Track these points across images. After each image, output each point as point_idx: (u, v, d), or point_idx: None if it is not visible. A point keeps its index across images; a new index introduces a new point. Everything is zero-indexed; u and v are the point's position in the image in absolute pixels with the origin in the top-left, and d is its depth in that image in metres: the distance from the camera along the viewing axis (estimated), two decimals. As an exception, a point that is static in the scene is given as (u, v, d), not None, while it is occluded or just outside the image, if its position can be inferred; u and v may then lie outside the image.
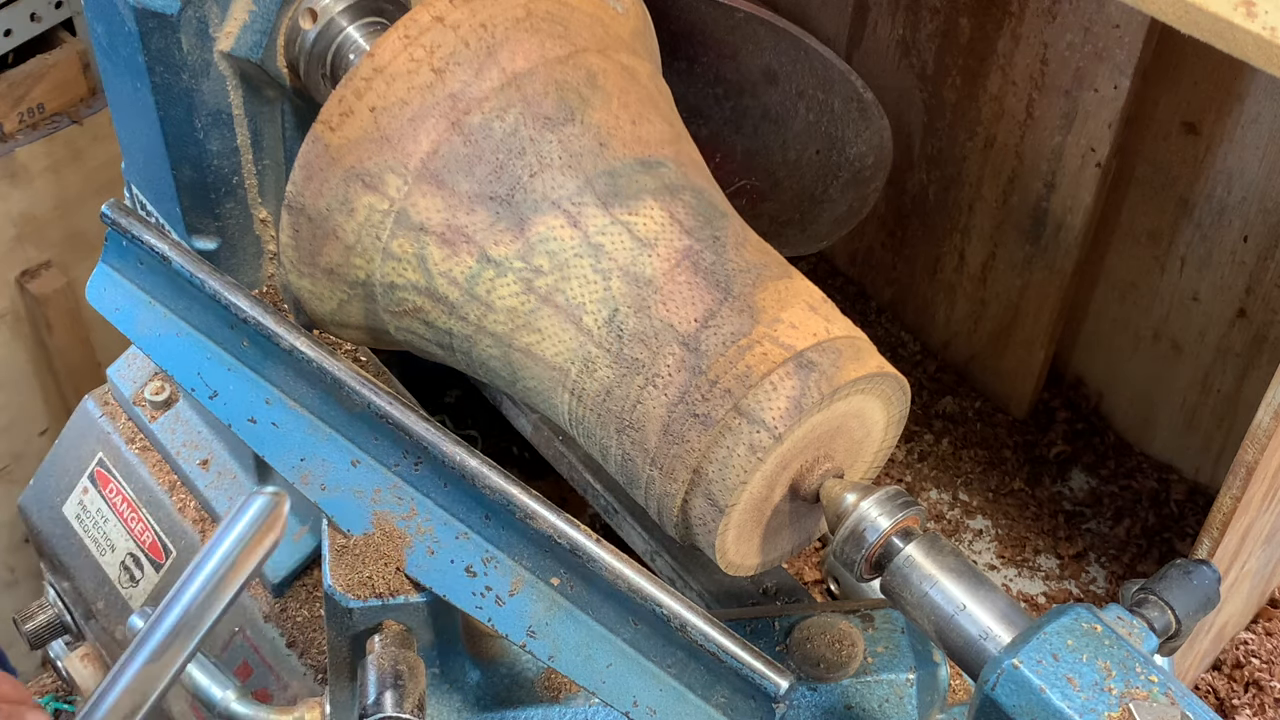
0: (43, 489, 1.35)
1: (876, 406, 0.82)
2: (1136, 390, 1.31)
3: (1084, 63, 1.12)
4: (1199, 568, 0.79)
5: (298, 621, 1.16)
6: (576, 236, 0.83)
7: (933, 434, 1.35)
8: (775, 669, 0.74)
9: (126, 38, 0.93)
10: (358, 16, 0.94)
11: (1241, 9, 0.69)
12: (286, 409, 0.85)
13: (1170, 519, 1.27)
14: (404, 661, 0.79)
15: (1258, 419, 0.86)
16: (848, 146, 1.24)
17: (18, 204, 1.82)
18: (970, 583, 0.74)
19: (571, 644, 0.78)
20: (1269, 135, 1.08)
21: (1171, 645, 0.78)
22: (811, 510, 0.83)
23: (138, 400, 1.26)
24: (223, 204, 1.02)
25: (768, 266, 0.83)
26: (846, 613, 0.91)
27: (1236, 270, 1.16)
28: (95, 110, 1.84)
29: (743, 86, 1.26)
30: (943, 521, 1.28)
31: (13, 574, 2.06)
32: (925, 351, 1.42)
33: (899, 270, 1.42)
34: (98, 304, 0.91)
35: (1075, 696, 0.66)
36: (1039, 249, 1.25)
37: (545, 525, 0.77)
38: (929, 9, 1.23)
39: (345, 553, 0.81)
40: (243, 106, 0.98)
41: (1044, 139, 1.19)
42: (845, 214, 1.28)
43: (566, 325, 0.83)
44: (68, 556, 1.32)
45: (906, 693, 0.88)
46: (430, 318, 0.88)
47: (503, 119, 0.84)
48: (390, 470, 0.82)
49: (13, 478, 1.97)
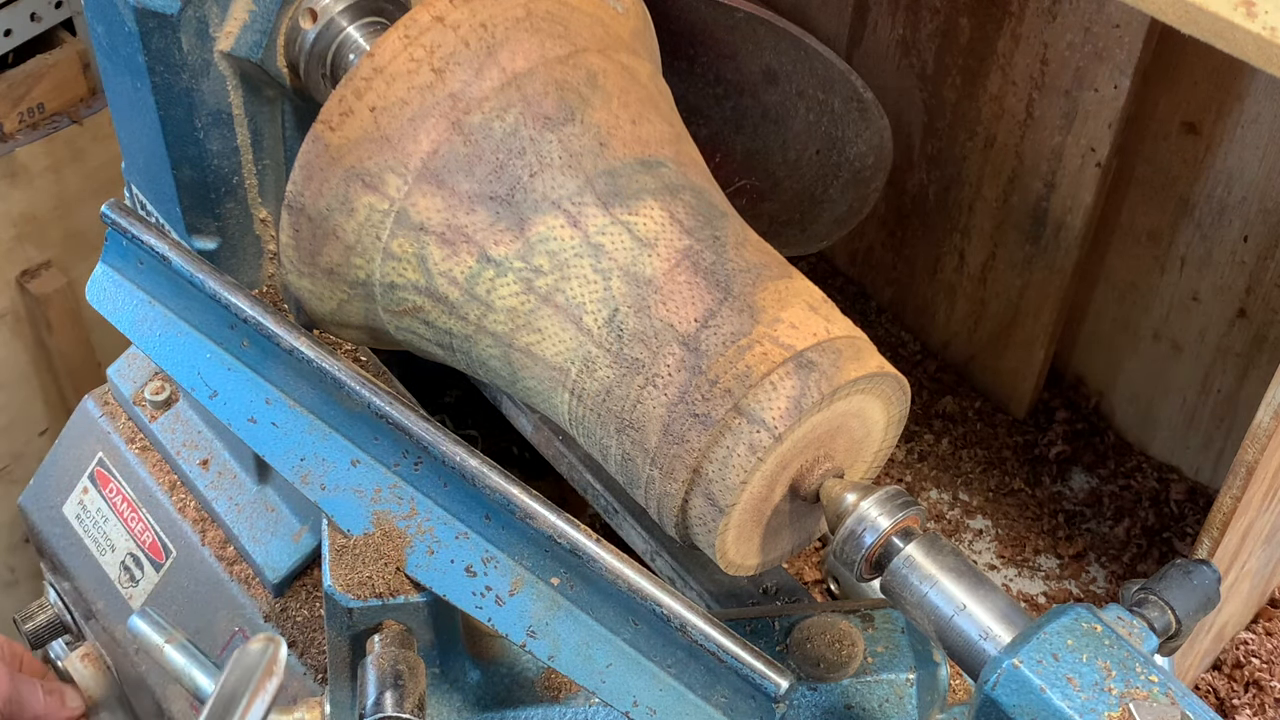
0: (43, 489, 1.35)
1: (877, 406, 0.82)
2: (1136, 390, 1.31)
3: (1084, 63, 1.12)
4: (1199, 568, 0.79)
5: (298, 621, 1.16)
6: (576, 236, 0.83)
7: (933, 434, 1.35)
8: (775, 669, 0.74)
9: (126, 38, 0.93)
10: (358, 16, 0.94)
11: (1241, 9, 0.69)
12: (286, 409, 0.85)
13: (1170, 519, 1.27)
14: (404, 661, 0.79)
15: (1258, 419, 0.86)
16: (848, 146, 1.24)
17: (18, 204, 1.82)
18: (970, 583, 0.74)
19: (571, 644, 0.78)
20: (1269, 135, 1.08)
21: (1171, 645, 0.78)
22: (811, 510, 0.83)
23: (138, 400, 1.26)
24: (223, 204, 1.02)
25: (768, 266, 0.84)
26: (846, 613, 0.91)
27: (1236, 270, 1.16)
28: (95, 110, 1.84)
29: (743, 86, 1.26)
30: (943, 521, 1.28)
31: (13, 574, 2.06)
32: (925, 351, 1.42)
33: (899, 270, 1.42)
34: (98, 304, 0.91)
35: (1075, 696, 0.66)
36: (1039, 249, 1.25)
37: (545, 525, 0.77)
38: (929, 9, 1.23)
39: (345, 553, 0.81)
40: (243, 106, 0.98)
41: (1044, 139, 1.19)
42: (845, 214, 1.28)
43: (566, 325, 0.83)
44: (68, 556, 1.32)
45: (906, 693, 0.88)
46: (430, 317, 0.88)
47: (503, 119, 0.84)
48: (390, 470, 0.82)
49: (13, 478, 1.97)
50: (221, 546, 1.20)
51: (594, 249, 0.82)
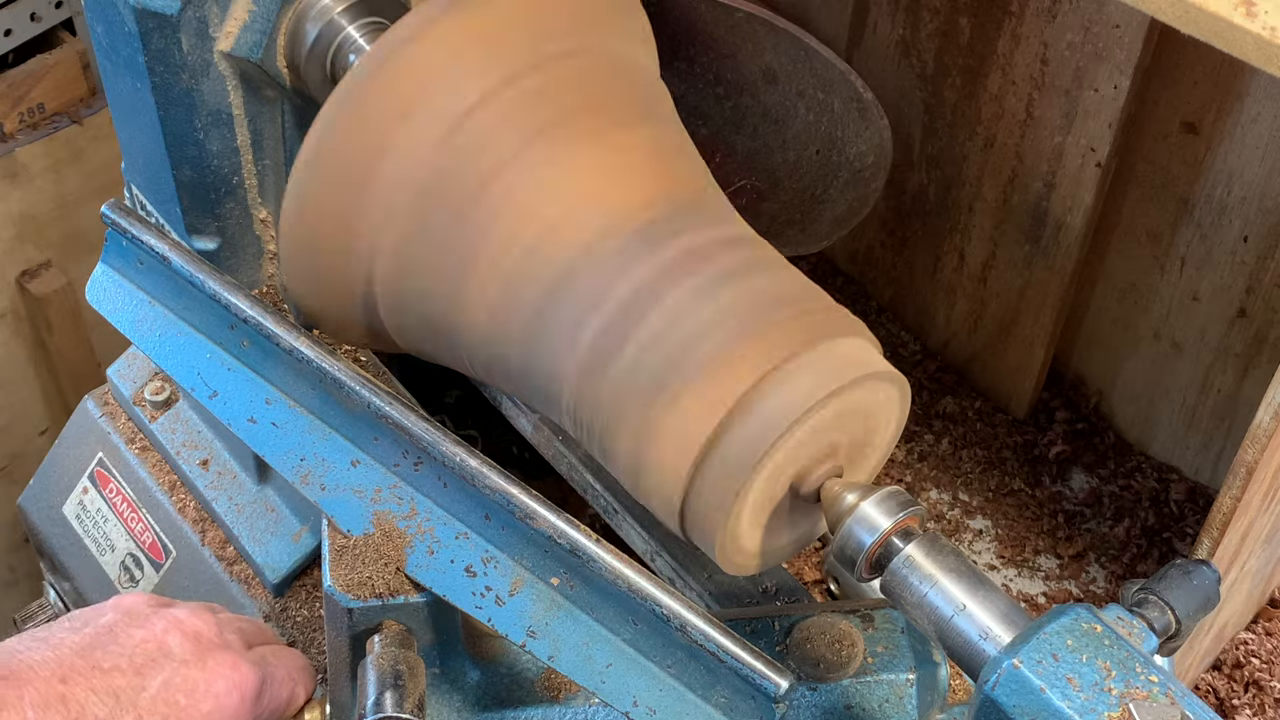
0: (42, 489, 1.35)
1: (877, 406, 0.82)
2: (1136, 390, 1.31)
3: (1084, 63, 1.12)
4: (1199, 568, 0.79)
5: (298, 621, 1.16)
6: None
7: (933, 434, 1.35)
8: (775, 669, 0.74)
9: (126, 38, 0.93)
10: (358, 16, 0.94)
11: (1241, 9, 0.69)
12: (286, 409, 0.85)
13: (1170, 519, 1.27)
14: (404, 661, 0.79)
15: (1258, 419, 0.86)
16: (848, 146, 1.24)
17: (18, 204, 1.82)
18: (970, 583, 0.74)
19: (571, 644, 0.78)
20: (1269, 135, 1.08)
21: (1171, 645, 0.78)
22: (811, 510, 0.83)
23: (138, 400, 1.26)
24: (223, 204, 1.02)
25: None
26: (846, 613, 0.91)
27: (1236, 270, 1.16)
28: (95, 110, 1.84)
29: (743, 86, 1.26)
30: (943, 521, 1.28)
31: (13, 574, 2.06)
32: (925, 351, 1.42)
33: (899, 270, 1.42)
34: (98, 304, 0.91)
35: (1075, 696, 0.66)
36: (1039, 249, 1.25)
37: (545, 525, 0.77)
38: (929, 9, 1.23)
39: (345, 553, 0.81)
40: (243, 106, 0.98)
41: (1044, 139, 1.19)
42: (845, 214, 1.28)
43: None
44: (68, 556, 1.32)
45: (906, 693, 0.88)
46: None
47: (491, 128, 0.84)
48: (390, 470, 0.82)
49: (13, 478, 1.97)
50: (221, 546, 1.20)
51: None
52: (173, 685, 0.79)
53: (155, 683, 0.79)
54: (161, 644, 0.81)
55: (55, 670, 0.76)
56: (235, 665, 0.82)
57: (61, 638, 0.79)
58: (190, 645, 0.81)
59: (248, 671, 0.82)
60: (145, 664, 0.79)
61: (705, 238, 0.84)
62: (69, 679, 0.76)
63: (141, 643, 0.81)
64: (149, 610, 0.84)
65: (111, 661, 0.78)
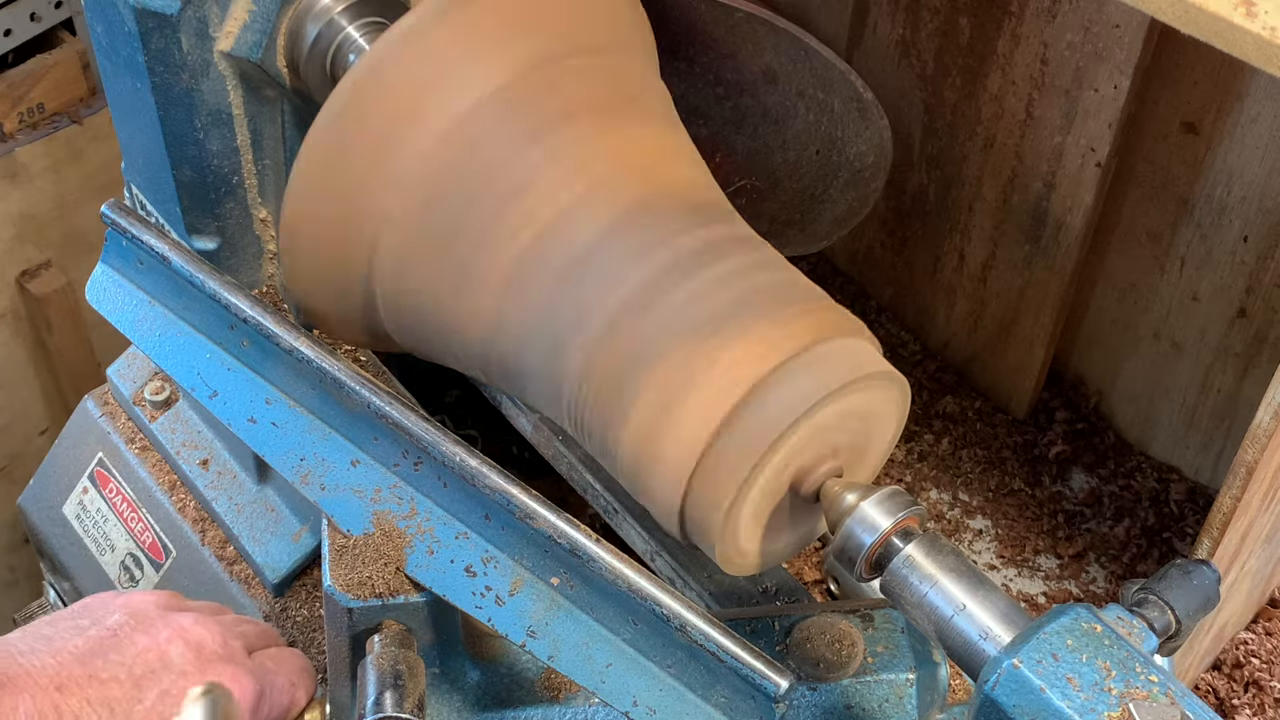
0: (42, 489, 1.35)
1: (877, 406, 0.82)
2: (1136, 390, 1.31)
3: (1084, 63, 1.12)
4: (1199, 568, 0.79)
5: (298, 621, 1.16)
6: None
7: (933, 434, 1.35)
8: (775, 669, 0.74)
9: (126, 38, 0.93)
10: (358, 16, 0.94)
11: (1241, 9, 0.69)
12: (286, 409, 0.85)
13: (1170, 519, 1.27)
14: (404, 661, 0.79)
15: (1258, 419, 0.86)
16: (848, 146, 1.23)
17: (18, 204, 1.82)
18: (970, 583, 0.74)
19: (571, 644, 0.78)
20: (1269, 135, 1.08)
21: (1171, 645, 0.78)
22: (811, 510, 0.83)
23: (138, 400, 1.26)
24: (223, 204, 1.02)
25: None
26: (846, 613, 0.91)
27: (1236, 270, 1.16)
28: (95, 110, 1.84)
29: (743, 86, 1.26)
30: (943, 521, 1.28)
31: (13, 574, 2.06)
32: (925, 351, 1.42)
33: (899, 270, 1.42)
34: (98, 304, 0.91)
35: (1075, 696, 0.66)
36: (1039, 249, 1.25)
37: (545, 525, 0.77)
38: (929, 9, 1.23)
39: (345, 553, 0.81)
40: (243, 106, 0.98)
41: (1044, 139, 1.19)
42: (845, 214, 1.28)
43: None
44: (68, 556, 1.32)
45: (906, 693, 0.88)
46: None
47: (492, 128, 0.84)
48: (390, 470, 0.82)
49: (13, 478, 1.97)
50: (221, 546, 1.20)
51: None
52: (170, 697, 0.79)
53: (152, 695, 0.78)
54: (163, 654, 0.80)
55: (53, 679, 0.76)
56: (234, 678, 0.81)
57: (63, 642, 0.79)
58: (191, 656, 0.81)
59: (246, 684, 0.82)
60: (144, 675, 0.79)
61: (705, 238, 0.84)
62: (65, 688, 0.76)
63: (143, 652, 0.80)
64: (156, 614, 0.83)
65: (110, 672, 0.78)
